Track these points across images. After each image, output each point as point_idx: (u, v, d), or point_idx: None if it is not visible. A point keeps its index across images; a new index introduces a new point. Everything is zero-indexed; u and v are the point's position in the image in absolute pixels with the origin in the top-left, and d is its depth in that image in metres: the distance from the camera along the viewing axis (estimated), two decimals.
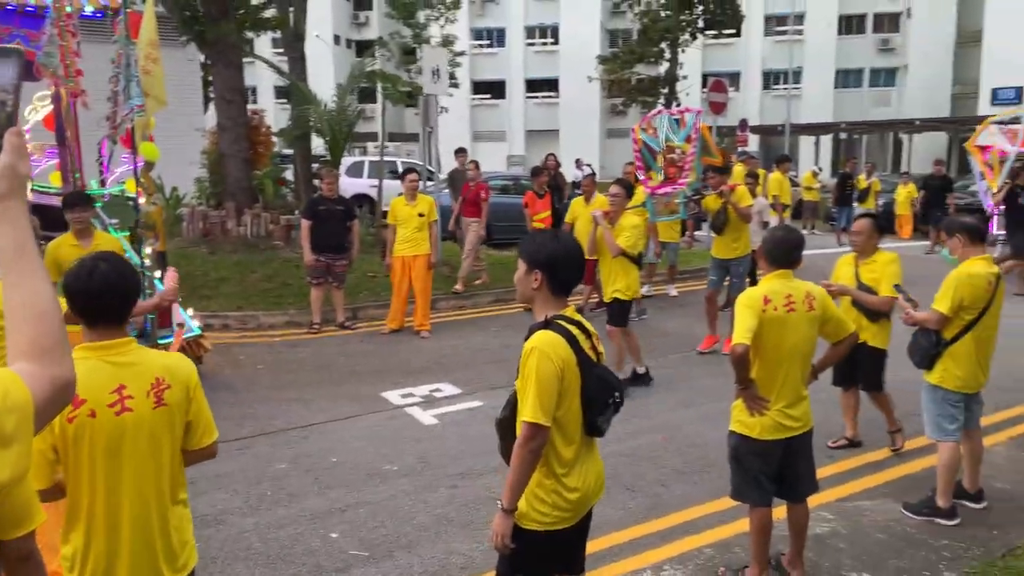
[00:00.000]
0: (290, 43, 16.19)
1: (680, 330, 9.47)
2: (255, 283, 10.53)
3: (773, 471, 3.73)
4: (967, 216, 4.84)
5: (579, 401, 2.62)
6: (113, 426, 2.24)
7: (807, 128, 36.89)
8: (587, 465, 2.72)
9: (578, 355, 2.60)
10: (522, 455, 2.56)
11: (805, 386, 3.76)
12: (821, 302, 3.72)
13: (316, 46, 29.57)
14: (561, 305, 2.70)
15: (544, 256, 2.67)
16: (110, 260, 2.34)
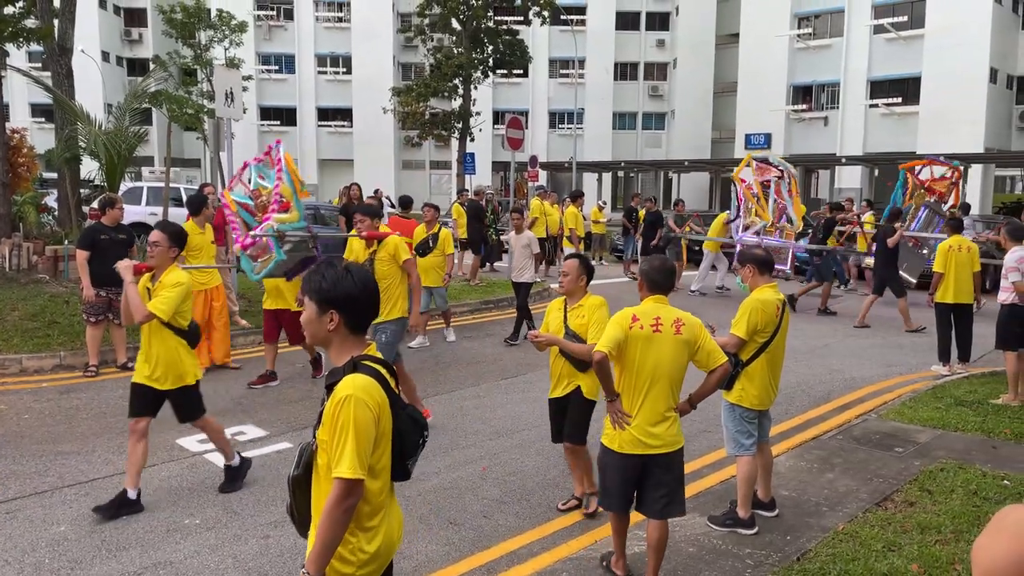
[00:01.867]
0: (55, 57, 14.66)
1: (492, 357, 9.61)
2: (16, 322, 9.29)
3: (633, 482, 3.97)
4: (757, 249, 5.35)
5: (388, 446, 2.43)
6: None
7: (591, 165, 39.37)
8: (391, 512, 2.52)
9: (390, 397, 2.42)
10: (335, 515, 2.27)
11: (673, 409, 3.95)
12: (691, 329, 3.93)
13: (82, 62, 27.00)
14: (361, 344, 2.49)
15: (341, 294, 2.43)
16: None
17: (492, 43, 32.42)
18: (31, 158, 13.76)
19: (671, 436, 3.92)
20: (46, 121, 36.12)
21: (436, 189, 48.56)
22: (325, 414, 2.34)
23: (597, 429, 6.89)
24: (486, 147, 42.23)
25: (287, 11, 48.54)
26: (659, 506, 3.95)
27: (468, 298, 13.33)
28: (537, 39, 43.27)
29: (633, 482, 3.97)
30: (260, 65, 47.34)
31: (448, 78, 31.59)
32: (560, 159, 40.75)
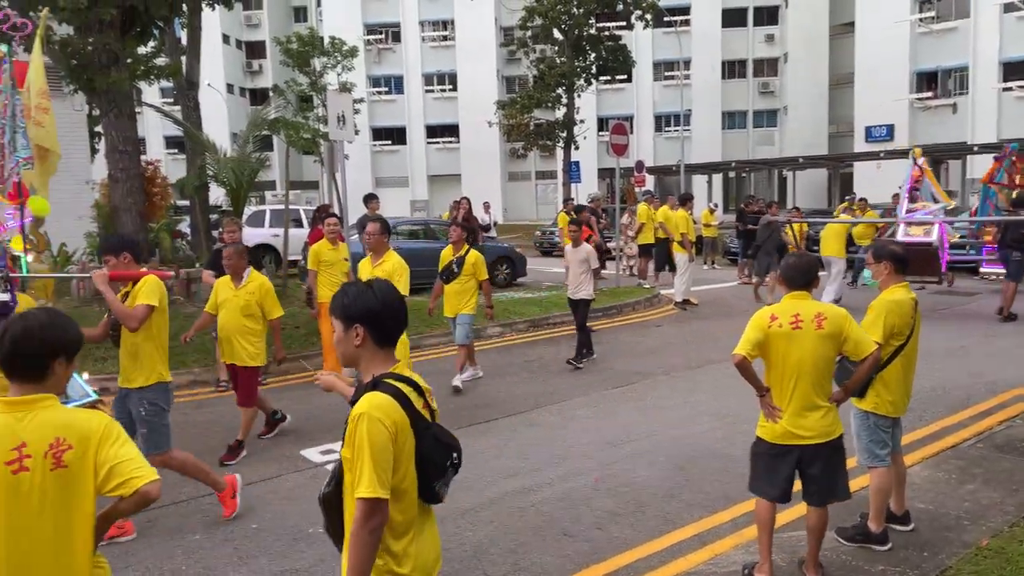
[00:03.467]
0: (183, 92, 15.71)
1: (602, 366, 9.53)
2: None
3: (787, 473, 4.04)
4: (895, 245, 5.05)
5: (414, 466, 2.36)
6: (8, 484, 2.20)
7: (700, 167, 38.50)
8: (424, 536, 2.44)
9: (411, 416, 2.34)
10: (362, 537, 2.22)
11: (825, 400, 4.00)
12: (835, 321, 3.97)
13: (208, 95, 28.86)
14: (389, 361, 2.46)
15: (362, 309, 2.42)
16: (28, 318, 2.32)
17: (594, 50, 32.30)
18: (165, 188, 14.75)
19: (824, 427, 3.98)
20: (178, 152, 38.72)
21: (542, 199, 48.81)
22: (347, 432, 2.32)
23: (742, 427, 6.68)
24: (591, 155, 42.08)
25: (395, 34, 50.13)
26: (818, 494, 4.06)
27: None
28: (640, 43, 42.81)
29: (787, 473, 4.04)
30: (371, 88, 49.06)
31: (551, 88, 31.71)
32: (667, 162, 40.08)
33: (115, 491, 2.29)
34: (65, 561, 2.25)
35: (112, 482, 2.28)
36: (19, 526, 2.20)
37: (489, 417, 7.60)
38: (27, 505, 2.20)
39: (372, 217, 7.15)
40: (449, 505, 5.41)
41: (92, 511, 2.31)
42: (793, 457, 3.99)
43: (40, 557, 2.22)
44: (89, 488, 2.28)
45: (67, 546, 2.26)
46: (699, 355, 10.12)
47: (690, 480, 5.83)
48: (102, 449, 2.29)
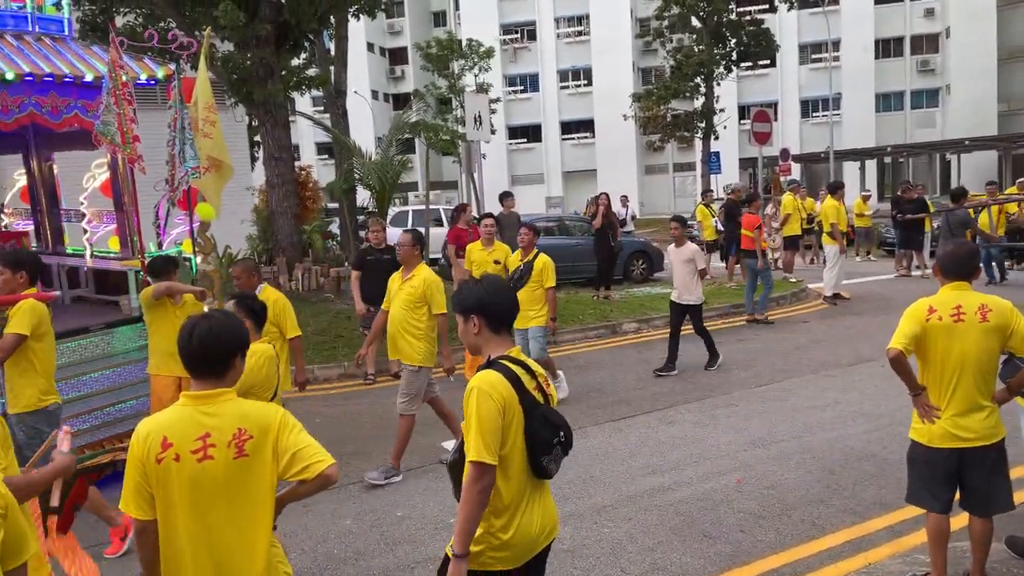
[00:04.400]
0: (332, 100, 16.55)
1: (745, 363, 9.22)
2: (308, 336, 10.52)
3: (947, 479, 3.75)
4: None
5: (522, 440, 2.62)
6: (194, 472, 2.39)
7: (851, 153, 36.37)
8: (533, 507, 2.69)
9: (520, 394, 2.62)
10: (470, 495, 2.54)
11: (988, 399, 3.71)
12: (1001, 314, 3.67)
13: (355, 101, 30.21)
14: (505, 345, 2.76)
15: (474, 301, 2.75)
16: (212, 319, 2.54)
17: (735, 36, 31.24)
18: (316, 191, 15.61)
19: (987, 428, 3.67)
20: (328, 157, 40.80)
21: (680, 192, 47.76)
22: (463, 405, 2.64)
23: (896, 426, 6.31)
24: (732, 144, 40.71)
25: (530, 32, 50.57)
26: (981, 503, 3.76)
27: (717, 302, 12.89)
28: (784, 25, 40.96)
29: (948, 479, 3.74)
30: (506, 87, 49.75)
31: (689, 77, 30.98)
32: (815, 149, 38.14)
33: (298, 475, 2.48)
34: (248, 540, 2.45)
35: (295, 467, 2.47)
36: (207, 509, 2.40)
37: (626, 414, 7.53)
38: (212, 490, 2.40)
39: (408, 229, 6.53)
40: (586, 501, 5.44)
41: (272, 495, 2.51)
42: (953, 461, 3.70)
43: (227, 536, 2.42)
44: (268, 474, 2.47)
45: (250, 526, 2.45)
46: (851, 353, 9.57)
47: (841, 484, 5.53)
48: (282, 438, 2.49)
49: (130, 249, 7.44)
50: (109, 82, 6.29)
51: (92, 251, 8.13)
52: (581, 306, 12.42)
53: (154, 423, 2.47)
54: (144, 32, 8.79)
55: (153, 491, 2.42)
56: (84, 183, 8.53)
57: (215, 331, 2.49)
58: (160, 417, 2.50)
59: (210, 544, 2.41)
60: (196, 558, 2.41)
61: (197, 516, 2.40)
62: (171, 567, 2.44)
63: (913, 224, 15.42)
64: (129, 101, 6.41)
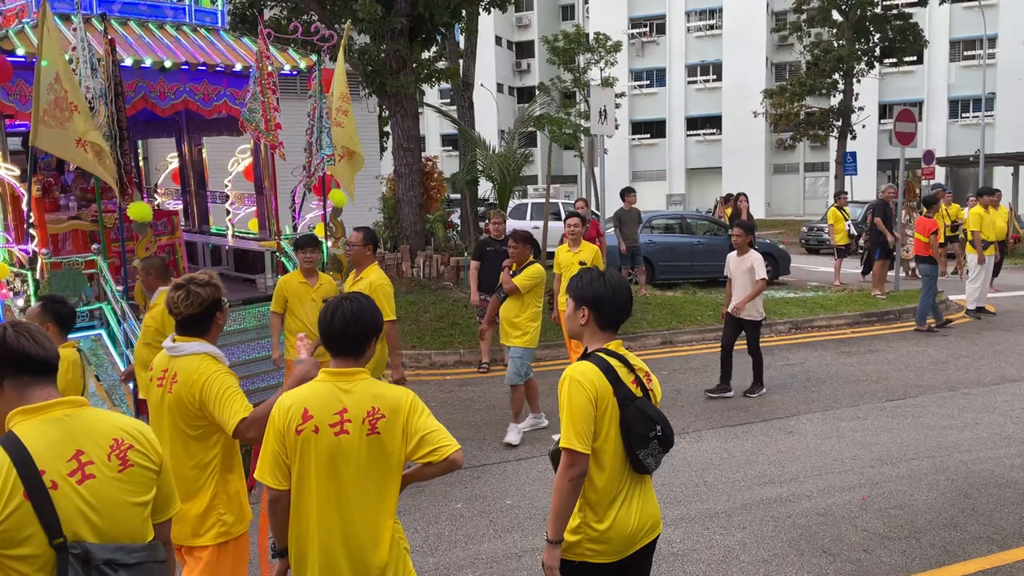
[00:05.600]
0: (459, 92, 16.88)
1: (875, 375, 8.75)
2: (427, 323, 10.84)
3: None
4: None
5: (617, 433, 2.63)
6: (331, 444, 2.50)
7: (1005, 158, 33.71)
8: (633, 501, 2.69)
9: (615, 387, 2.63)
10: (561, 483, 2.59)
11: None
12: None
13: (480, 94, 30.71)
14: (607, 339, 2.76)
15: (591, 294, 2.75)
16: (353, 300, 2.64)
17: (879, 30, 29.53)
18: (440, 182, 15.94)
19: None
20: (452, 149, 41.70)
21: (810, 193, 45.79)
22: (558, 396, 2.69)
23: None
24: (870, 144, 38.63)
25: (659, 26, 49.71)
26: None
27: (846, 310, 12.28)
28: (935, 20, 38.44)
29: None
30: (632, 81, 49.14)
31: (827, 74, 29.55)
32: (964, 152, 35.57)
33: (425, 457, 2.57)
34: (374, 513, 2.56)
35: (423, 449, 2.56)
36: (339, 481, 2.51)
37: (743, 420, 7.31)
38: (346, 463, 2.50)
39: (359, 228, 6.08)
40: (697, 505, 5.33)
41: (399, 472, 2.61)
42: None
43: (355, 508, 2.53)
44: (397, 452, 2.56)
45: (377, 501, 2.55)
46: (994, 371, 8.90)
47: (977, 510, 5.16)
48: (411, 420, 2.58)
49: (268, 231, 7.86)
50: (256, 72, 6.64)
51: (233, 231, 8.65)
52: (700, 307, 12.13)
53: (296, 396, 2.59)
54: (289, 25, 9.26)
55: (290, 461, 2.53)
56: (229, 167, 9.06)
57: (357, 312, 2.59)
58: (302, 390, 2.62)
59: (340, 514, 2.52)
60: (325, 527, 2.52)
61: (331, 487, 2.51)
62: (300, 535, 2.56)
63: None
64: (273, 90, 6.76)
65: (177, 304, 2.98)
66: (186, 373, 2.97)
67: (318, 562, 2.52)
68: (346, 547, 2.52)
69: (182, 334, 3.05)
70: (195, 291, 2.97)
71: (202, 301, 2.98)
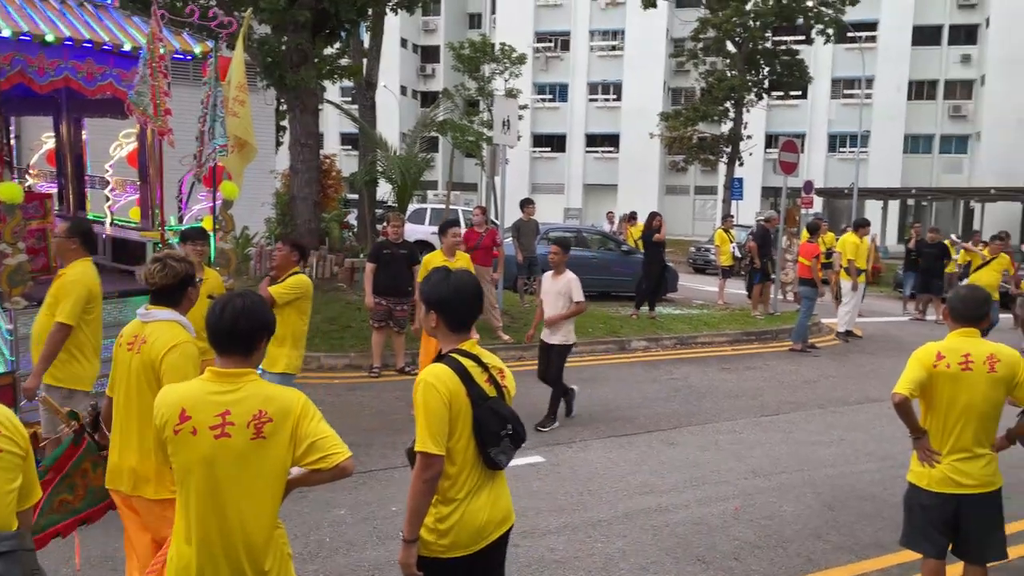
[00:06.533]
0: (362, 91, 16.62)
1: (753, 392, 9.17)
2: (318, 324, 10.55)
3: (944, 525, 3.71)
4: None
5: (471, 432, 2.68)
6: (211, 447, 2.41)
7: (876, 192, 36.19)
8: (482, 497, 2.74)
9: (469, 387, 2.67)
10: (417, 485, 2.62)
11: (987, 447, 3.68)
12: (1009, 365, 3.63)
13: (383, 95, 30.31)
14: (461, 340, 2.80)
15: (436, 297, 2.80)
16: (245, 297, 2.56)
17: (768, 64, 31.12)
18: (338, 181, 15.66)
19: (987, 476, 3.65)
20: (352, 148, 40.99)
21: (700, 215, 47.66)
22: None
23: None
24: (756, 172, 40.58)
25: (564, 42, 50.64)
26: (976, 549, 3.71)
27: (728, 328, 12.84)
28: (819, 58, 40.83)
29: (945, 524, 3.69)
30: (535, 94, 49.82)
31: (719, 102, 30.87)
32: (839, 185, 37.97)
33: (314, 464, 2.49)
34: (254, 518, 2.46)
35: (312, 456, 2.48)
36: (217, 485, 2.42)
37: (628, 431, 7.50)
38: (227, 467, 2.41)
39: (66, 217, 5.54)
40: (581, 513, 5.42)
41: (284, 478, 2.52)
42: (951, 507, 3.65)
43: (233, 513, 2.44)
44: (283, 458, 2.48)
45: (257, 505, 2.47)
46: (859, 391, 9.51)
47: (839, 522, 5.48)
48: (302, 425, 2.50)
49: (150, 221, 7.47)
50: (147, 53, 6.32)
51: (113, 219, 8.18)
52: (592, 319, 12.38)
53: (175, 393, 2.49)
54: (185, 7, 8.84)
55: (171, 459, 2.48)
56: (111, 151, 8.58)
57: (248, 309, 2.51)
58: (181, 388, 2.52)
59: (219, 519, 2.43)
60: (203, 531, 2.44)
61: (209, 491, 2.42)
62: (180, 537, 2.49)
63: (932, 269, 15.33)
64: (164, 74, 6.43)
65: (153, 275, 3.25)
66: (155, 335, 3.20)
67: (196, 565, 2.43)
68: (225, 552, 2.43)
69: (155, 303, 3.30)
70: (171, 264, 3.26)
71: (176, 274, 3.27)
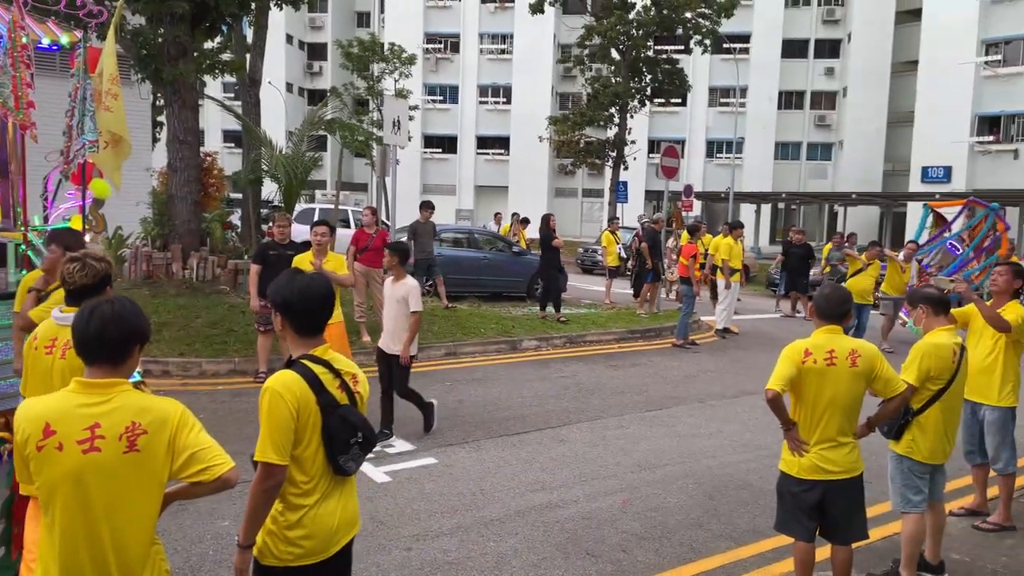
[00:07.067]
0: (245, 88, 16.08)
1: (638, 388, 9.47)
2: (199, 328, 10.16)
3: (812, 509, 3.94)
4: (929, 288, 4.96)
5: (320, 440, 2.64)
6: (79, 463, 2.26)
7: (749, 196, 38.12)
8: (331, 503, 2.71)
9: (319, 395, 2.62)
10: (257, 493, 2.57)
11: (851, 436, 3.95)
12: (868, 360, 3.91)
13: (268, 92, 29.41)
14: (312, 344, 2.73)
15: (279, 299, 2.72)
16: (115, 303, 2.40)
17: (651, 72, 32.25)
18: (220, 179, 15.05)
19: (850, 462, 3.93)
20: (235, 146, 39.58)
21: (587, 217, 48.73)
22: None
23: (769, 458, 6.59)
24: (640, 176, 41.90)
25: (454, 44, 50.64)
26: (842, 532, 3.99)
27: (615, 326, 13.22)
28: (697, 67, 42.61)
29: (813, 509, 3.95)
30: (426, 96, 49.60)
31: (604, 107, 31.71)
32: (717, 189, 39.76)
33: (195, 476, 2.37)
34: (129, 534, 2.33)
35: (193, 468, 2.36)
36: (87, 502, 2.27)
37: (519, 430, 7.60)
38: (97, 483, 2.26)
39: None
40: (474, 513, 5.45)
41: (161, 492, 2.39)
42: (818, 492, 3.91)
43: (105, 530, 2.29)
44: (159, 471, 2.34)
45: (132, 521, 2.33)
46: (736, 385, 10.00)
47: (719, 510, 5.75)
48: (180, 436, 2.37)
49: (12, 220, 6.97)
50: (7, 42, 5.90)
51: None
52: (485, 319, 12.47)
53: (38, 407, 2.31)
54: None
55: (34, 479, 2.30)
56: None
57: (118, 315, 2.36)
58: (45, 401, 2.34)
59: (90, 537, 2.28)
60: (69, 550, 2.28)
61: (78, 508, 2.26)
62: (47, 555, 2.32)
63: (797, 269, 16.30)
64: (27, 64, 6.03)
65: (73, 275, 3.12)
66: None
67: None
68: (96, 573, 2.30)
69: (73, 304, 3.11)
70: (91, 264, 3.14)
71: (96, 273, 3.14)
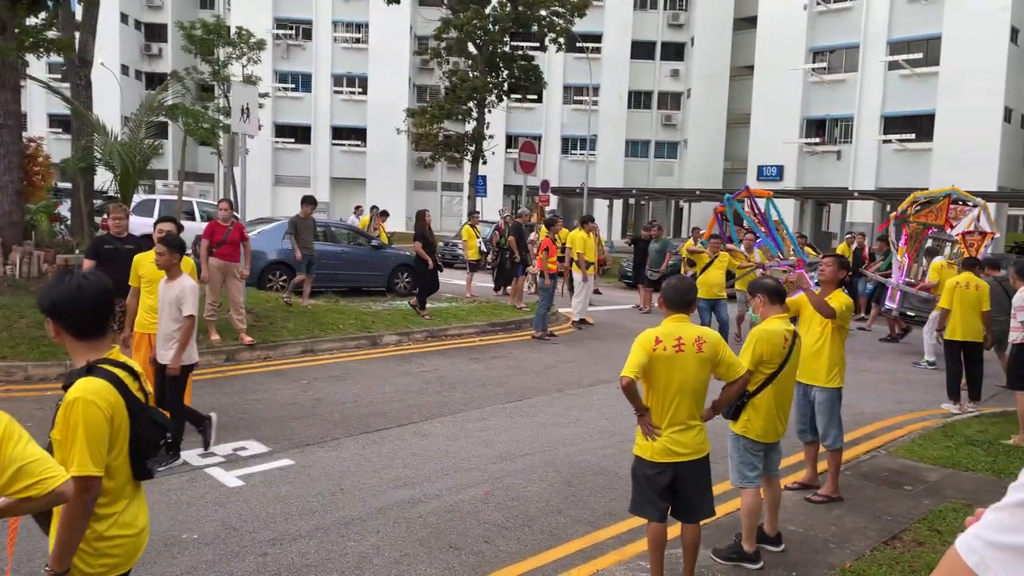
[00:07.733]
0: (74, 68, 14.83)
1: (497, 380, 9.56)
2: (24, 329, 9.31)
3: (665, 491, 4.13)
4: (767, 279, 5.31)
5: (127, 445, 2.55)
6: None
7: (602, 192, 39.46)
8: (135, 507, 2.65)
9: (127, 399, 2.53)
10: (76, 511, 2.36)
11: (699, 419, 4.16)
12: (713, 346, 4.13)
13: (101, 74, 27.27)
14: (101, 347, 2.57)
15: (47, 302, 2.52)
16: None
17: (507, 68, 32.63)
18: (46, 167, 13.86)
19: (698, 444, 4.15)
20: (63, 131, 36.51)
21: (447, 211, 48.77)
22: (57, 415, 2.42)
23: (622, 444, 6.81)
24: (498, 170, 42.38)
25: (305, 31, 49.11)
26: (692, 510, 4.21)
27: (476, 320, 13.30)
28: (552, 65, 43.58)
29: (665, 490, 4.13)
30: (277, 83, 47.82)
31: (462, 101, 31.78)
32: (572, 184, 40.88)
33: (25, 492, 2.13)
34: None
35: (21, 483, 2.13)
36: None
37: (380, 426, 7.49)
38: None
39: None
40: (334, 514, 5.32)
41: None
42: (669, 474, 4.09)
43: None
44: None
45: None
46: (592, 374, 10.32)
47: (577, 496, 5.91)
48: (5, 449, 2.13)
49: None
50: None
51: None
52: (342, 315, 12.19)
53: None
54: None
55: None
56: None
57: None
58: None
59: None
60: None
61: None
62: None
63: (644, 262, 17.06)
64: None
65: None
66: None
67: None
68: None
69: None
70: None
71: None
